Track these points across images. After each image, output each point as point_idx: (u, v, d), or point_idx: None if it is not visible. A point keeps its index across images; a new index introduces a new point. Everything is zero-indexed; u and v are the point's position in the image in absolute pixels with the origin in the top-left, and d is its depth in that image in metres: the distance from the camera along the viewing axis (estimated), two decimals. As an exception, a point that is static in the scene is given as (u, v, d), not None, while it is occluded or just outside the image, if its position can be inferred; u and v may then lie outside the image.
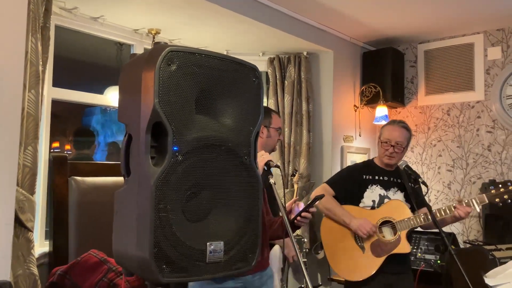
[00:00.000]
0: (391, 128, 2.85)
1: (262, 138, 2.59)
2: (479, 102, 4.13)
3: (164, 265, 1.23)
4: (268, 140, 2.59)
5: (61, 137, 4.01)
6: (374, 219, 2.76)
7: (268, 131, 2.60)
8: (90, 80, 3.82)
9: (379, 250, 2.72)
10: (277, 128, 2.65)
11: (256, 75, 1.46)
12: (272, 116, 2.65)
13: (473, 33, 4.16)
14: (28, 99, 2.21)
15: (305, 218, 2.09)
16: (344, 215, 2.79)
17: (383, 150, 2.82)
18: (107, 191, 2.63)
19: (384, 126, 2.92)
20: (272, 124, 2.63)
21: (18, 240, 2.16)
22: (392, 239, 2.72)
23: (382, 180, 2.86)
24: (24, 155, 2.18)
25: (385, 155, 2.82)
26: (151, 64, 1.25)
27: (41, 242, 2.82)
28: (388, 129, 2.85)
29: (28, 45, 2.19)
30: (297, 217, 2.08)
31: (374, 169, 2.90)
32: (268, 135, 2.60)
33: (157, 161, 1.27)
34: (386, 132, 2.84)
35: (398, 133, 2.82)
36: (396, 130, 2.83)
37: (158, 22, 3.32)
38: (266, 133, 2.60)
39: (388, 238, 2.73)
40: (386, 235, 2.75)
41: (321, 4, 3.49)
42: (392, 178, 2.87)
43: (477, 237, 3.93)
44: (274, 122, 2.65)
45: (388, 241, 2.73)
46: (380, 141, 2.84)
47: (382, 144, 2.82)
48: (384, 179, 2.87)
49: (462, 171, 4.17)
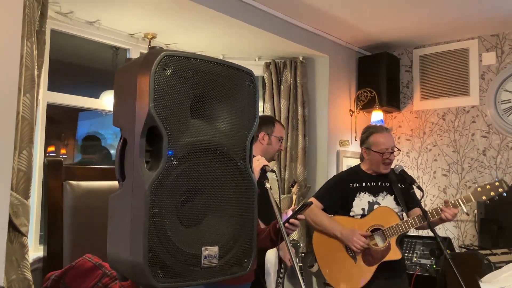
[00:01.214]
0: (385, 136, 2.81)
1: (262, 144, 2.60)
2: (474, 107, 4.15)
3: (159, 270, 1.23)
4: (269, 147, 2.60)
5: (56, 141, 4.01)
6: (364, 227, 2.75)
7: (269, 138, 2.61)
8: (86, 84, 3.82)
9: (371, 259, 2.72)
10: (279, 137, 2.66)
11: (251, 79, 1.46)
12: (275, 125, 2.66)
13: (468, 39, 4.19)
14: (23, 103, 2.20)
15: (293, 226, 2.04)
16: (334, 228, 2.78)
17: (381, 159, 2.77)
18: (102, 196, 2.60)
19: (373, 135, 2.84)
20: (274, 132, 2.64)
21: (12, 245, 2.14)
22: (382, 247, 2.72)
23: (370, 186, 2.84)
24: (18, 159, 2.17)
25: (383, 163, 2.78)
26: (146, 69, 1.25)
27: (35, 246, 2.80)
28: (382, 137, 2.80)
29: (23, 49, 2.19)
30: (284, 224, 2.01)
31: (360, 176, 2.88)
32: (268, 143, 2.61)
33: (151, 165, 1.26)
34: (381, 140, 2.79)
35: (391, 139, 2.83)
36: (389, 136, 2.84)
37: (154, 27, 3.32)
38: (267, 140, 2.61)
39: (380, 245, 2.73)
40: (378, 242, 2.75)
41: (316, 9, 3.51)
42: (380, 183, 2.84)
43: (472, 242, 3.93)
44: (276, 131, 2.65)
45: (378, 249, 2.72)
46: (375, 151, 2.78)
47: (380, 154, 2.76)
48: (372, 184, 2.84)
49: (458, 176, 4.18)
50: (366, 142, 2.85)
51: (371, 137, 2.84)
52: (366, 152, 2.86)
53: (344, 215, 2.84)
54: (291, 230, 2.07)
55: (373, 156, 2.81)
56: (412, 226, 2.67)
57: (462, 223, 4.09)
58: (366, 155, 2.87)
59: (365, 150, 2.86)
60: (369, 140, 2.83)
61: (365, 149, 2.86)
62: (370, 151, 2.81)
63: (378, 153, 2.78)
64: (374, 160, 2.81)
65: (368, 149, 2.83)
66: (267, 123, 2.66)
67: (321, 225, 2.81)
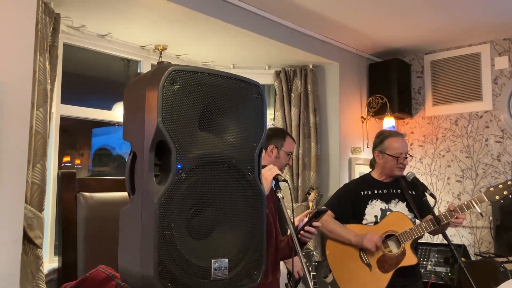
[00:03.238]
0: (400, 140, 2.81)
1: (270, 157, 2.56)
2: (487, 112, 4.10)
3: (169, 283, 1.23)
4: (276, 161, 2.55)
5: (71, 151, 4.07)
6: (377, 234, 2.73)
7: (278, 152, 2.57)
8: (99, 96, 3.87)
9: (386, 266, 2.68)
10: (288, 152, 2.61)
11: (258, 91, 1.47)
12: (285, 139, 2.60)
13: (480, 43, 4.15)
14: (36, 118, 2.24)
15: (309, 233, 2.01)
16: (348, 233, 2.76)
17: (396, 163, 2.77)
18: (115, 207, 2.63)
19: (387, 139, 2.83)
20: (284, 147, 2.59)
21: (27, 257, 2.18)
22: (397, 253, 2.69)
23: (382, 193, 2.82)
24: (32, 173, 2.21)
25: (398, 167, 2.78)
26: (154, 83, 1.27)
27: (50, 258, 2.84)
28: (397, 141, 2.80)
29: (36, 64, 2.23)
30: (300, 232, 2.00)
31: (371, 184, 2.86)
32: (277, 156, 2.56)
33: (161, 179, 1.28)
34: (396, 144, 2.79)
35: (406, 144, 2.84)
36: (404, 141, 2.84)
37: (165, 38, 3.36)
38: (275, 154, 2.56)
39: (394, 251, 2.70)
40: (392, 248, 2.72)
41: (326, 18, 3.51)
42: (392, 190, 2.82)
43: (488, 249, 3.88)
44: (286, 145, 2.60)
45: (393, 255, 2.69)
46: (389, 155, 2.78)
47: (395, 158, 2.76)
48: (384, 192, 2.82)
49: (472, 182, 4.13)
50: (380, 145, 2.84)
51: (386, 141, 2.82)
52: (379, 156, 2.84)
53: (357, 224, 2.82)
54: (308, 238, 2.02)
55: (387, 160, 2.80)
56: (426, 230, 2.64)
57: (478, 230, 4.03)
58: (379, 159, 2.85)
59: (378, 153, 2.84)
60: (384, 144, 2.82)
61: (378, 153, 2.84)
62: (384, 155, 2.80)
63: (392, 157, 2.77)
64: (387, 164, 2.80)
65: (382, 153, 2.81)
66: (278, 136, 2.61)
67: (334, 232, 2.80)
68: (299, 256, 1.76)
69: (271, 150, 2.56)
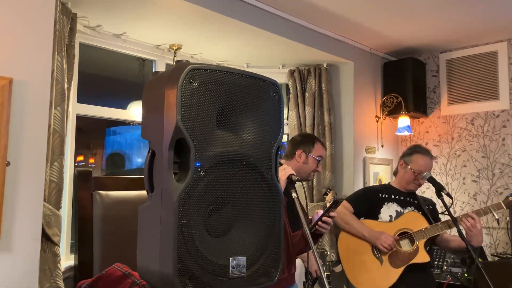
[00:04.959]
0: (427, 160, 2.82)
1: (298, 162, 2.55)
2: (504, 111, 4.05)
3: (188, 280, 1.24)
4: (304, 166, 2.54)
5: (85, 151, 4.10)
6: (391, 231, 2.76)
7: (306, 157, 2.55)
8: (114, 95, 3.89)
9: (398, 261, 2.71)
10: (317, 156, 2.59)
11: (276, 90, 1.47)
12: (315, 145, 2.59)
13: (496, 41, 4.10)
14: (54, 116, 2.27)
15: (326, 224, 2.05)
16: (362, 228, 2.81)
17: (414, 179, 2.80)
18: (131, 205, 2.66)
19: (416, 154, 2.84)
20: (313, 152, 2.57)
21: (45, 254, 2.20)
22: (410, 250, 2.71)
23: (399, 199, 2.88)
24: (50, 171, 2.24)
25: (414, 183, 2.82)
26: (173, 82, 1.27)
27: (67, 255, 2.87)
28: (424, 160, 2.81)
29: (54, 64, 2.26)
30: (317, 223, 2.04)
31: (390, 190, 2.93)
32: (305, 162, 2.55)
33: (180, 177, 1.28)
34: (421, 162, 2.80)
35: (431, 165, 2.84)
36: (430, 162, 2.84)
37: (179, 38, 3.37)
38: (304, 159, 2.55)
39: (407, 249, 2.73)
40: (405, 247, 2.75)
41: (340, 17, 3.50)
42: (409, 198, 2.89)
43: (505, 250, 3.83)
44: (315, 150, 2.58)
45: (406, 251, 2.72)
46: (411, 169, 2.80)
47: (414, 174, 2.79)
48: (401, 198, 2.89)
49: (488, 182, 4.08)
50: (408, 157, 2.88)
51: (414, 155, 2.85)
52: (403, 165, 2.89)
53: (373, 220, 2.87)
54: (324, 228, 2.07)
55: (407, 172, 2.84)
56: (441, 230, 2.68)
57: (494, 231, 3.98)
58: (401, 168, 2.91)
59: (402, 163, 2.89)
60: (412, 157, 2.86)
61: (403, 162, 2.89)
62: (407, 166, 2.84)
63: (412, 172, 2.80)
64: (406, 176, 2.85)
65: (406, 164, 2.86)
66: (307, 142, 2.60)
67: (349, 224, 2.84)
68: (314, 254, 1.77)
69: (299, 155, 2.55)
